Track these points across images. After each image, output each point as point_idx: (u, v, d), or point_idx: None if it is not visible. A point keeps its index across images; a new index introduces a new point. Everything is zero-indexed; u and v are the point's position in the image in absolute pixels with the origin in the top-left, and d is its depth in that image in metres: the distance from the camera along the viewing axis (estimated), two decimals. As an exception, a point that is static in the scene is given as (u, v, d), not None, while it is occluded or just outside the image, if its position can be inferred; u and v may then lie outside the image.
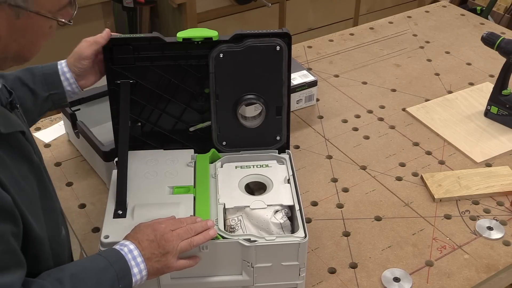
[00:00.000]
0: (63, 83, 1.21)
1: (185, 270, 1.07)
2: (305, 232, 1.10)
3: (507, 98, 1.65)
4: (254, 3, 3.07)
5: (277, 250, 1.10)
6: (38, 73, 1.20)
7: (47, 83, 1.20)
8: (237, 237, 1.10)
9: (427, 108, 1.76)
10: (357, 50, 2.07)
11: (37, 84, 1.19)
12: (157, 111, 1.29)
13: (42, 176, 0.98)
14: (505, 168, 1.51)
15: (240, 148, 1.33)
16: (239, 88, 1.28)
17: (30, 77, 1.19)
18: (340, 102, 1.80)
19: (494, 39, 1.64)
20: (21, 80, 1.18)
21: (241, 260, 1.11)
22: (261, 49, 1.24)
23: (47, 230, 0.96)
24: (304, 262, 1.12)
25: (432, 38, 2.15)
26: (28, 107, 1.17)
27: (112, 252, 0.99)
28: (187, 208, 1.15)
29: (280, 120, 1.31)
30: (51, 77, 1.20)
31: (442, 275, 1.24)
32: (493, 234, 1.33)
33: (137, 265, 0.98)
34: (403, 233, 1.34)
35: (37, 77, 1.20)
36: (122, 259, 0.97)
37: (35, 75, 1.20)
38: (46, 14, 0.88)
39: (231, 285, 1.14)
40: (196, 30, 1.23)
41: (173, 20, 3.04)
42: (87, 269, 0.95)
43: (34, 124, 1.26)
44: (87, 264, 0.98)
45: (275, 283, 1.15)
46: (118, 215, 1.14)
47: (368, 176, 1.51)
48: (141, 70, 1.24)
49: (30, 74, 1.20)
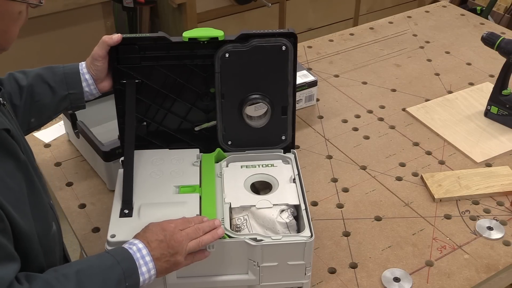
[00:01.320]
0: (82, 83, 1.22)
1: (191, 269, 1.08)
2: (311, 231, 1.11)
3: (507, 98, 1.65)
4: (254, 3, 3.07)
5: (283, 250, 1.10)
6: (59, 72, 1.22)
7: (67, 82, 1.21)
8: (243, 236, 1.10)
9: (427, 108, 1.76)
10: (357, 50, 2.07)
11: (57, 82, 1.21)
12: (162, 110, 1.29)
13: (29, 173, 0.97)
14: (505, 168, 1.52)
15: (245, 147, 1.33)
16: (245, 87, 1.28)
17: (51, 75, 1.21)
18: (340, 102, 1.80)
19: (494, 39, 1.64)
20: (42, 77, 1.20)
21: (247, 260, 1.11)
22: (267, 49, 1.24)
23: (36, 226, 0.96)
24: (310, 262, 1.13)
25: (432, 38, 2.15)
26: (46, 103, 1.20)
27: (120, 250, 0.99)
28: (193, 207, 1.15)
29: (285, 119, 1.31)
30: (72, 76, 1.22)
31: (442, 275, 1.24)
32: (493, 234, 1.33)
33: (145, 264, 0.98)
34: (403, 233, 1.34)
35: (57, 76, 1.21)
36: (130, 258, 0.98)
37: (55, 74, 1.21)
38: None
39: (237, 284, 1.15)
40: (202, 30, 1.23)
41: (173, 20, 3.04)
42: (94, 266, 0.95)
43: (50, 121, 1.28)
44: (94, 261, 0.98)
45: (281, 282, 1.15)
46: (124, 214, 1.14)
47: (368, 176, 1.51)
48: (147, 69, 1.24)
49: (51, 72, 1.21)
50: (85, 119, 1.49)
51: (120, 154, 1.26)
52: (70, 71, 1.22)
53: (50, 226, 1.03)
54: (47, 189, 1.09)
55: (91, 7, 2.73)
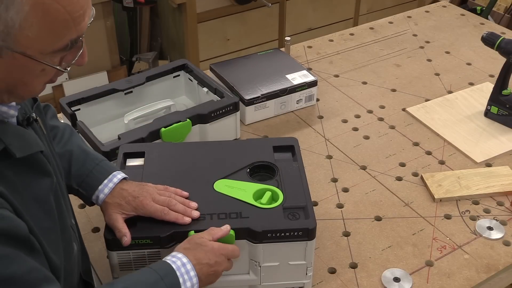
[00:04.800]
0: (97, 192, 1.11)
1: None
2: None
3: (507, 98, 1.65)
4: (254, 3, 3.07)
5: (285, 249, 1.10)
6: (89, 166, 1.12)
7: (85, 181, 1.11)
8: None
9: (427, 108, 1.76)
10: (357, 50, 2.07)
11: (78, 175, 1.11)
12: None
13: (63, 193, 0.95)
14: (505, 168, 1.52)
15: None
16: None
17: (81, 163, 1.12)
18: (340, 102, 1.80)
19: (494, 39, 1.64)
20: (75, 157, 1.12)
21: (249, 259, 1.11)
22: None
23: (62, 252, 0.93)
24: (312, 262, 1.13)
25: (432, 38, 2.15)
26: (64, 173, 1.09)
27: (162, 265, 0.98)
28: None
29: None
30: (94, 179, 1.11)
31: (442, 275, 1.24)
32: (493, 234, 1.33)
33: (190, 280, 0.98)
34: (403, 233, 1.34)
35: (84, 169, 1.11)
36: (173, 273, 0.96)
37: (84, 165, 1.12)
38: (34, 56, 0.78)
39: (238, 284, 1.15)
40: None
41: (173, 20, 3.04)
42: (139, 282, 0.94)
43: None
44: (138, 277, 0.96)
45: (282, 282, 1.15)
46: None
47: (368, 176, 1.51)
48: None
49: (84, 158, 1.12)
50: (85, 119, 1.49)
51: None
52: (104, 166, 1.13)
53: (72, 249, 1.00)
54: (71, 208, 1.06)
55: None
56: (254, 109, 1.68)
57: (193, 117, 1.48)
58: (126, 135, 1.41)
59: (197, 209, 1.11)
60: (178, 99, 1.72)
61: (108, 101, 1.57)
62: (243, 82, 1.72)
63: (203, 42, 3.05)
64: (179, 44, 3.10)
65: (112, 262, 1.10)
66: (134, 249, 1.07)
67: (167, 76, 1.68)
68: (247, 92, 1.68)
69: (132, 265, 1.09)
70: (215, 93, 1.60)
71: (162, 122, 1.45)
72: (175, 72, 1.70)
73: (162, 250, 1.08)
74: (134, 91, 1.61)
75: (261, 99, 1.68)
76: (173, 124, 1.44)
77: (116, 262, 1.09)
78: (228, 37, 3.13)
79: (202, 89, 1.63)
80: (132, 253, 1.08)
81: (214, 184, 1.18)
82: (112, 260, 1.10)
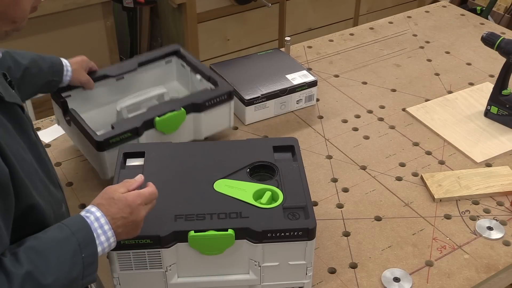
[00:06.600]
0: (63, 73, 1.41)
1: (193, 269, 1.10)
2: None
3: (507, 98, 1.65)
4: (254, 3, 3.07)
5: (285, 249, 1.10)
6: (47, 60, 1.38)
7: (53, 71, 1.39)
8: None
9: (427, 108, 1.76)
10: (357, 50, 2.07)
11: (47, 69, 1.37)
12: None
13: (41, 154, 0.97)
14: (505, 168, 1.52)
15: None
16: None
17: (42, 61, 1.37)
18: (340, 102, 1.80)
19: (494, 39, 1.64)
20: (36, 61, 1.34)
21: (248, 259, 1.11)
22: None
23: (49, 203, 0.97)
24: (311, 262, 1.13)
25: (432, 38, 2.15)
26: (34, 84, 1.35)
27: (76, 219, 0.96)
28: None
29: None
30: (57, 66, 1.40)
31: (442, 275, 1.24)
32: (493, 234, 1.33)
33: (104, 233, 0.95)
34: (403, 233, 1.34)
35: (47, 63, 1.38)
36: (87, 227, 0.94)
37: (45, 61, 1.37)
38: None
39: (238, 284, 1.14)
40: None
41: (173, 20, 3.04)
42: (47, 240, 0.91)
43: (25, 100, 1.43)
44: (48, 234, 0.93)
45: (282, 282, 1.15)
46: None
47: (368, 176, 1.51)
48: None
49: (42, 58, 1.37)
50: (76, 106, 1.47)
51: (114, 144, 1.24)
52: (56, 61, 1.40)
53: (60, 207, 1.03)
54: (56, 173, 1.09)
55: (91, 7, 2.73)
56: (254, 109, 1.68)
57: (188, 106, 1.47)
58: (119, 125, 1.40)
59: (197, 209, 1.11)
60: (170, 84, 1.71)
61: (99, 87, 1.54)
62: (243, 82, 1.72)
63: (203, 42, 3.05)
64: (179, 44, 3.10)
65: (112, 262, 1.10)
66: (134, 249, 1.07)
67: (159, 62, 1.67)
68: (247, 92, 1.68)
69: (132, 265, 1.09)
70: (208, 80, 1.58)
71: (157, 111, 1.44)
72: (167, 57, 1.69)
73: (162, 250, 1.08)
74: (126, 77, 1.60)
75: (261, 99, 1.68)
76: (167, 113, 1.43)
77: (116, 262, 1.09)
78: (228, 37, 3.13)
79: (195, 76, 1.62)
80: (132, 253, 1.08)
81: (214, 184, 1.17)
82: (112, 260, 1.10)
